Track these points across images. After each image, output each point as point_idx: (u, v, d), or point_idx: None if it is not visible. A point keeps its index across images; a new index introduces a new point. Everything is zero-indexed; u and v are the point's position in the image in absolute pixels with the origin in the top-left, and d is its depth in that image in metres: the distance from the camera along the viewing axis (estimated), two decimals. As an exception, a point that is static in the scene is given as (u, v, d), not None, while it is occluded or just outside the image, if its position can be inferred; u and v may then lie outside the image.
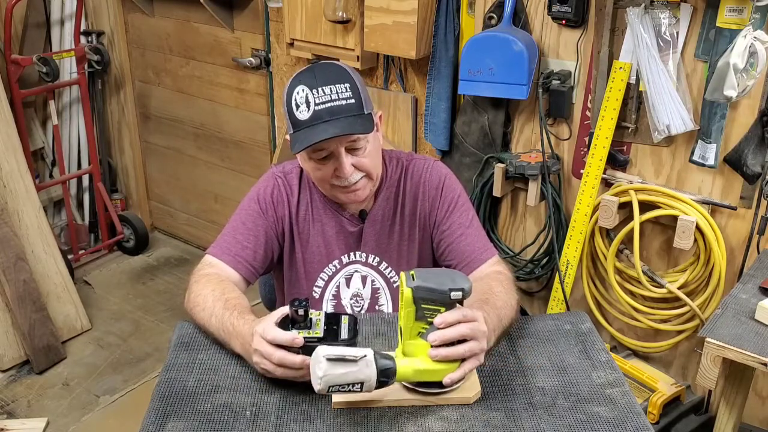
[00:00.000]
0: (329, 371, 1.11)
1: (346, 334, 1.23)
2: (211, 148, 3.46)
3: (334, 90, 1.43)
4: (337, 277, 1.64)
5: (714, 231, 2.00)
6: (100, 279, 3.54)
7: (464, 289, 1.18)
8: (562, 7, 2.10)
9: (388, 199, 1.63)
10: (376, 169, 1.54)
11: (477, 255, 1.56)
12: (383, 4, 2.35)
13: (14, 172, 2.84)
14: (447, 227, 1.60)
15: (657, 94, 1.96)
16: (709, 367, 1.52)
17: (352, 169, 1.48)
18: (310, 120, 1.43)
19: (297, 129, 1.45)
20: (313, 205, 1.61)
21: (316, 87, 1.43)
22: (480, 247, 1.57)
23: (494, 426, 1.19)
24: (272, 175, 1.63)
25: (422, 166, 1.64)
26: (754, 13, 1.78)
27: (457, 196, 1.62)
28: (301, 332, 1.21)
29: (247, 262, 1.54)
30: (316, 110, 1.42)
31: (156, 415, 1.21)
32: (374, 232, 1.62)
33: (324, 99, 1.43)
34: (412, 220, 1.63)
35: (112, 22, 3.46)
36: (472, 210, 1.63)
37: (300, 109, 1.44)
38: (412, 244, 1.64)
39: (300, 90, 1.44)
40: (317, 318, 1.24)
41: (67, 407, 2.68)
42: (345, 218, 1.61)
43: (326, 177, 1.50)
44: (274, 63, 2.97)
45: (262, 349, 1.21)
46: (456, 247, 1.58)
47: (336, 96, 1.43)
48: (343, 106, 1.43)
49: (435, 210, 1.61)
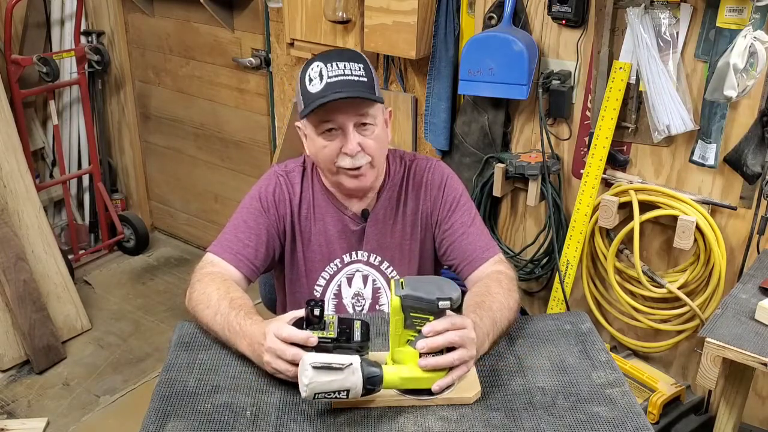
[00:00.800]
0: (315, 379, 1.13)
1: (358, 337, 1.24)
2: (211, 148, 3.46)
3: (348, 66, 1.44)
4: (338, 276, 1.64)
5: (714, 231, 2.00)
6: (100, 279, 3.54)
7: (452, 298, 1.18)
8: (562, 7, 2.10)
9: (391, 199, 1.62)
10: (381, 158, 1.54)
11: (479, 254, 1.56)
12: (383, 4, 2.34)
13: (14, 172, 2.84)
14: (449, 226, 1.60)
15: (657, 94, 1.96)
16: (709, 367, 1.52)
17: (358, 148, 1.47)
18: (322, 91, 1.43)
19: (308, 101, 1.45)
20: (315, 204, 1.61)
21: (331, 62, 1.44)
22: (482, 246, 1.57)
23: (494, 426, 1.19)
24: (274, 174, 1.62)
25: (425, 166, 1.64)
26: (754, 13, 1.78)
27: (459, 195, 1.62)
28: (315, 332, 1.21)
29: (248, 260, 1.54)
30: (329, 82, 1.43)
31: (156, 415, 1.21)
32: (376, 231, 1.62)
33: (337, 72, 1.43)
34: (413, 219, 1.63)
35: (112, 22, 3.46)
36: (474, 209, 1.63)
37: (313, 82, 1.44)
38: (413, 243, 1.64)
39: (315, 66, 1.45)
40: (330, 321, 1.25)
41: (67, 407, 2.68)
42: (348, 217, 1.61)
43: (332, 155, 1.49)
44: (274, 63, 2.97)
45: (276, 347, 1.21)
46: (458, 246, 1.58)
47: (350, 71, 1.44)
48: (356, 82, 1.44)
49: (437, 209, 1.61)
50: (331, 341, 1.21)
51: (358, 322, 1.27)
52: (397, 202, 1.63)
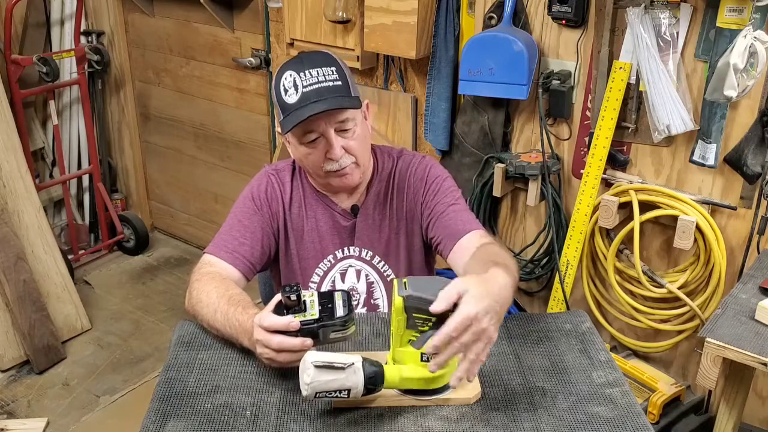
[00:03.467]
0: (316, 378, 1.13)
1: (341, 311, 1.23)
2: (211, 148, 3.46)
3: (321, 72, 1.46)
4: (332, 272, 1.66)
5: (714, 231, 2.00)
6: (100, 279, 3.54)
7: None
8: (562, 7, 2.10)
9: (379, 194, 1.64)
10: (364, 155, 1.56)
11: (461, 227, 1.53)
12: (383, 4, 2.34)
13: (14, 172, 2.84)
14: (432, 207, 1.59)
15: (657, 94, 1.96)
16: (709, 367, 1.52)
17: (343, 150, 1.49)
18: (298, 102, 1.45)
19: (286, 113, 1.47)
20: (306, 201, 1.63)
21: (303, 70, 1.46)
22: (464, 220, 1.55)
23: (494, 426, 1.19)
24: (265, 173, 1.65)
25: (410, 161, 1.65)
26: (754, 13, 1.78)
27: (443, 180, 1.62)
28: (297, 316, 1.21)
29: (245, 259, 1.55)
30: (304, 92, 1.44)
31: (156, 415, 1.21)
32: (366, 226, 1.64)
33: (311, 81, 1.45)
34: (399, 214, 1.64)
35: (112, 22, 3.46)
36: (458, 193, 1.62)
37: (288, 93, 1.46)
38: (399, 237, 1.65)
39: (288, 75, 1.47)
40: (311, 299, 1.24)
41: (67, 407, 2.68)
42: (338, 213, 1.63)
43: (318, 161, 1.51)
44: (274, 63, 2.97)
45: (262, 338, 1.22)
46: (440, 222, 1.57)
47: (323, 78, 1.45)
48: (331, 87, 1.45)
49: (420, 197, 1.62)
50: (314, 322, 1.21)
51: (339, 293, 1.26)
52: (385, 198, 1.64)
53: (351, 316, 1.23)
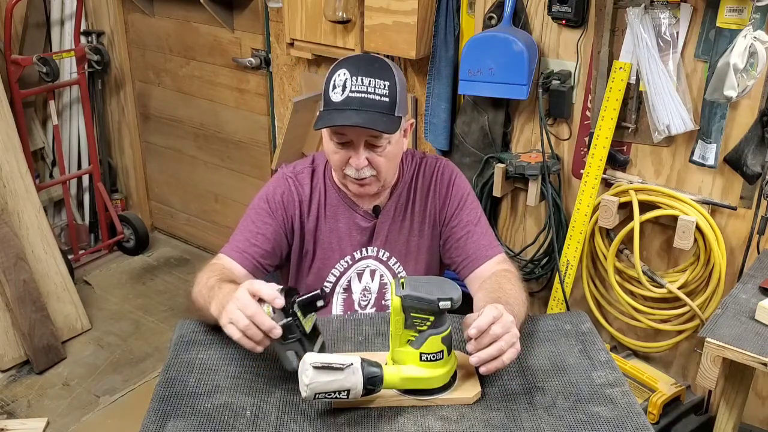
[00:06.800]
0: (315, 379, 1.13)
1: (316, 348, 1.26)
2: (211, 148, 3.46)
3: (372, 83, 1.44)
4: (348, 272, 1.67)
5: (714, 231, 2.00)
6: (100, 279, 3.53)
7: (453, 298, 1.18)
8: (562, 7, 2.10)
9: (401, 195, 1.65)
10: (389, 172, 1.56)
11: (482, 252, 1.59)
12: (383, 4, 2.34)
13: (14, 172, 2.84)
14: (455, 224, 1.63)
15: (657, 94, 1.96)
16: (709, 367, 1.52)
17: (365, 163, 1.49)
18: (341, 104, 1.44)
19: (327, 108, 1.47)
20: (327, 203, 1.64)
21: (357, 75, 1.45)
22: (485, 245, 1.60)
23: (494, 426, 1.19)
24: (282, 176, 1.65)
25: (434, 164, 1.67)
26: (754, 13, 1.78)
27: (467, 194, 1.65)
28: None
29: (253, 258, 1.57)
30: (350, 96, 1.44)
31: (156, 415, 1.21)
32: (387, 228, 1.65)
33: (360, 88, 1.44)
34: (422, 216, 1.66)
35: (112, 22, 3.46)
36: (480, 209, 1.66)
37: (335, 90, 1.45)
38: (421, 240, 1.67)
39: (342, 73, 1.46)
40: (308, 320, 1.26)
41: (67, 407, 2.68)
42: (359, 214, 1.64)
43: (341, 162, 1.52)
44: (274, 63, 2.97)
45: (242, 298, 1.22)
46: (461, 244, 1.61)
47: (372, 90, 1.44)
48: (376, 102, 1.44)
49: (445, 207, 1.64)
50: (295, 339, 1.22)
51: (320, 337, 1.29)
52: (407, 199, 1.66)
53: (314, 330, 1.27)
